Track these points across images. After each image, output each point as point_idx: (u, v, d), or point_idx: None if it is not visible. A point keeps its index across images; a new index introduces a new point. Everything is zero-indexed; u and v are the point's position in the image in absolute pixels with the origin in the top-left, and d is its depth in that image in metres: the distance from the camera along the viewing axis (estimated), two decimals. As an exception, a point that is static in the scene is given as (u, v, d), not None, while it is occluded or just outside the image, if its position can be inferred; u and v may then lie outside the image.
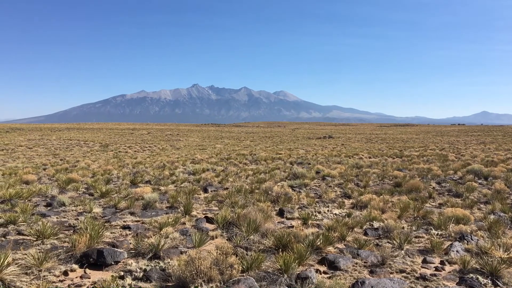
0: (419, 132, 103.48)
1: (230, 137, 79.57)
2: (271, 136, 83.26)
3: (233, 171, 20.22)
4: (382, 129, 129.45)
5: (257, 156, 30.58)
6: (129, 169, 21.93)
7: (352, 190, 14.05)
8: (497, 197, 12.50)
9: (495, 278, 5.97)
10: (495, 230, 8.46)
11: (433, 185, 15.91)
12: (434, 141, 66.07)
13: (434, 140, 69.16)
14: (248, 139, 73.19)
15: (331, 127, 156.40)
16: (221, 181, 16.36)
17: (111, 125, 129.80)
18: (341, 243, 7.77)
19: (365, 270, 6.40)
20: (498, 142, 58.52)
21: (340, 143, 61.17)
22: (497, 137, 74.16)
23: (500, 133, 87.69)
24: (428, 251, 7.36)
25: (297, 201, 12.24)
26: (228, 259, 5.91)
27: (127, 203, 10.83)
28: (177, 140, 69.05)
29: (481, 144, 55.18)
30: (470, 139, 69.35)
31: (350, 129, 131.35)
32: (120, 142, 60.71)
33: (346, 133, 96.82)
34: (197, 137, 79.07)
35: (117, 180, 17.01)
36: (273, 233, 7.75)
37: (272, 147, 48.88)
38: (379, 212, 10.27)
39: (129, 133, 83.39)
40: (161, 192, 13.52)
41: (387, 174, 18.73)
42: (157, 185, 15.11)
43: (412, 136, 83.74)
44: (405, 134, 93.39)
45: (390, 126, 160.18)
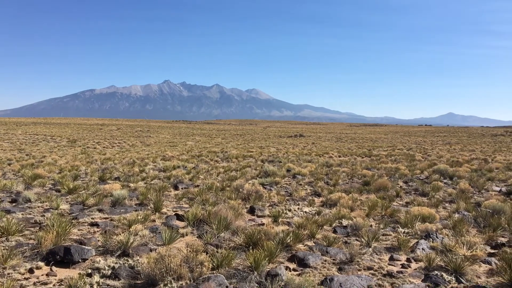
0: (387, 132, 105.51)
1: (201, 134, 79.15)
2: (242, 134, 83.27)
3: (204, 169, 20.14)
4: (352, 128, 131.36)
5: (229, 154, 30.55)
6: (97, 165, 21.53)
7: (322, 189, 14.21)
8: (462, 197, 12.89)
9: (458, 275, 6.16)
10: (459, 229, 8.72)
11: (401, 184, 16.27)
12: (402, 141, 67.51)
13: (402, 140, 70.67)
14: (219, 137, 73.00)
15: (302, 126, 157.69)
16: (192, 179, 16.27)
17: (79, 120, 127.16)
18: (310, 241, 7.86)
19: (333, 267, 6.50)
20: (463, 143, 60.32)
21: (311, 142, 61.74)
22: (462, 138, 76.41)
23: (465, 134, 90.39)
24: (395, 248, 7.53)
25: (268, 199, 12.30)
26: (198, 257, 5.91)
27: (96, 199, 10.64)
28: (147, 136, 68.20)
29: (447, 144, 56.75)
30: (437, 140, 71.20)
31: (321, 128, 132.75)
32: (89, 137, 59.50)
33: (317, 132, 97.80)
34: (168, 133, 78.31)
35: (85, 177, 16.69)
36: (243, 230, 7.77)
37: (244, 145, 48.92)
38: (348, 210, 10.43)
39: (98, 129, 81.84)
40: (130, 189, 13.34)
41: (356, 173, 19.03)
42: (126, 182, 14.89)
43: (381, 136, 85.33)
44: (374, 134, 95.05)
45: (360, 125, 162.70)
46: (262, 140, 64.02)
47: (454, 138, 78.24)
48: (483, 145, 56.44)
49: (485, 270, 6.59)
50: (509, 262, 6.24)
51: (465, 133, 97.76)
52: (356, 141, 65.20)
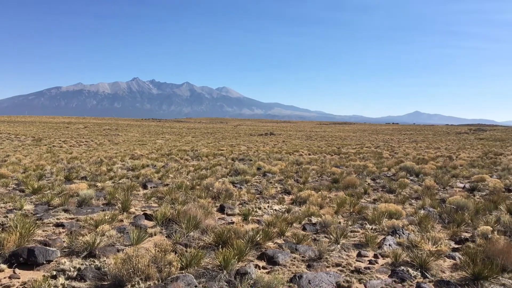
0: (356, 130, 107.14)
1: (171, 133, 78.40)
2: (213, 132, 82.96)
3: (174, 167, 19.94)
4: (322, 127, 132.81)
5: (199, 152, 30.39)
6: (63, 164, 21.02)
7: (292, 186, 14.30)
8: (427, 193, 13.22)
9: (424, 270, 6.30)
10: (424, 224, 8.93)
11: (369, 181, 16.56)
12: (370, 139, 68.70)
13: (370, 138, 71.91)
14: (189, 135, 72.51)
15: (272, 124, 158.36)
16: (162, 177, 16.09)
17: (45, 118, 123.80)
18: (280, 238, 7.89)
19: (303, 265, 6.54)
20: (429, 141, 61.88)
21: (281, 140, 62.08)
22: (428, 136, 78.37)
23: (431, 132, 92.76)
24: (363, 245, 7.64)
25: (238, 197, 12.29)
26: (166, 257, 5.84)
27: (61, 199, 10.38)
28: (115, 135, 67.06)
29: (413, 142, 58.09)
30: (403, 138, 72.79)
31: (291, 126, 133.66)
32: (55, 136, 58.03)
33: (287, 130, 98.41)
34: (137, 132, 77.23)
35: (51, 176, 16.26)
36: (213, 229, 7.73)
37: (214, 143, 48.76)
38: (317, 207, 10.53)
39: (65, 127, 79.92)
40: (97, 189, 13.08)
41: (325, 170, 19.24)
42: (93, 181, 14.58)
43: (350, 134, 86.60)
44: (343, 132, 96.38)
45: (329, 124, 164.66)
46: (233, 139, 63.96)
47: (420, 136, 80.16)
48: (448, 142, 58.03)
49: (450, 265, 6.77)
50: (472, 257, 6.44)
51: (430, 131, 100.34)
52: (325, 139, 65.94)
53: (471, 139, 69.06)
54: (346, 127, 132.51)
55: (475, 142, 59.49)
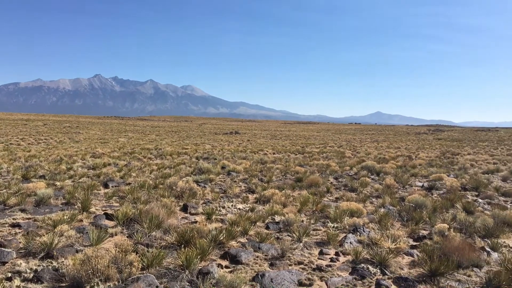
0: (320, 130, 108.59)
1: (134, 131, 77.09)
2: (177, 131, 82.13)
3: (136, 166, 19.61)
4: (286, 126, 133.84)
5: (163, 151, 30.00)
6: (21, 162, 20.28)
7: (256, 185, 14.34)
8: (387, 192, 13.55)
9: (383, 267, 6.46)
10: (384, 222, 9.16)
11: (331, 180, 16.80)
12: (333, 138, 69.76)
13: (333, 137, 73.04)
14: (153, 133, 71.50)
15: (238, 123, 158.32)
16: (124, 176, 15.80)
17: (2, 115, 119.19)
18: (244, 237, 7.90)
19: (265, 263, 6.58)
20: (390, 141, 63.42)
21: (246, 139, 62.16)
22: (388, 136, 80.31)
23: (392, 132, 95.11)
24: (325, 243, 7.75)
25: (202, 196, 12.22)
26: (127, 257, 5.75)
27: (18, 199, 10.01)
28: (76, 132, 65.32)
29: (375, 142, 59.40)
30: (365, 137, 74.30)
31: (256, 125, 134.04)
32: (12, 133, 55.95)
33: (252, 129, 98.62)
34: (99, 130, 75.50)
35: (7, 175, 15.66)
36: (176, 229, 7.66)
37: (178, 142, 48.28)
38: (280, 206, 10.60)
39: (23, 124, 77.18)
40: (56, 188, 12.70)
41: (289, 169, 19.39)
42: (52, 180, 14.15)
43: (314, 133, 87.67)
44: (307, 131, 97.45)
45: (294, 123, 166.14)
46: (198, 137, 63.54)
47: (381, 136, 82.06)
48: (407, 142, 59.67)
49: (408, 261, 6.96)
50: (430, 254, 6.66)
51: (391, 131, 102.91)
52: (290, 139, 66.48)
53: (429, 139, 71.30)
54: (310, 126, 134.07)
55: (434, 142, 61.48)
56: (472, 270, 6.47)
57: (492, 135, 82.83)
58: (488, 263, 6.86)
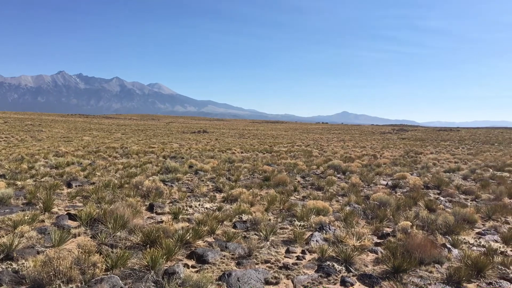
0: (288, 129, 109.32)
1: (99, 129, 75.52)
2: (144, 129, 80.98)
3: (101, 165, 19.22)
4: (255, 125, 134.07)
5: (129, 150, 29.53)
6: (-21, 162, 19.55)
7: (224, 184, 14.30)
8: (353, 190, 13.77)
9: (348, 265, 6.55)
10: (350, 220, 9.30)
11: (299, 179, 16.95)
12: (301, 137, 70.36)
13: (301, 137, 73.67)
14: (119, 132, 70.25)
15: (206, 121, 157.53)
16: (88, 176, 15.44)
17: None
18: (210, 237, 7.86)
19: (232, 262, 6.56)
20: (356, 140, 64.50)
21: (214, 138, 61.92)
22: (354, 135, 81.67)
23: (358, 132, 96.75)
24: (291, 241, 7.80)
25: (168, 195, 12.09)
26: (91, 258, 5.62)
27: (-25, 200, 9.65)
28: (39, 131, 63.43)
29: (341, 141, 60.28)
30: (332, 137, 75.31)
31: (224, 124, 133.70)
32: (-31, 131, 53.84)
33: (220, 128, 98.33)
34: (63, 128, 73.58)
35: (-36, 174, 15.05)
36: (141, 228, 7.54)
37: (145, 141, 47.60)
38: (248, 205, 10.61)
39: (-19, 122, 74.35)
40: (17, 187, 12.30)
41: (257, 168, 19.44)
42: (13, 180, 13.69)
43: (282, 132, 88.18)
44: (275, 130, 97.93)
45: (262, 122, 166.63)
46: (165, 136, 62.82)
47: (347, 135, 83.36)
48: (373, 142, 60.86)
49: (372, 259, 7.08)
50: (393, 251, 6.80)
51: (357, 130, 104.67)
52: (258, 138, 66.64)
53: (394, 139, 72.92)
54: (279, 126, 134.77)
55: (398, 142, 62.92)
56: (433, 267, 6.64)
57: (454, 135, 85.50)
58: (449, 259, 7.06)
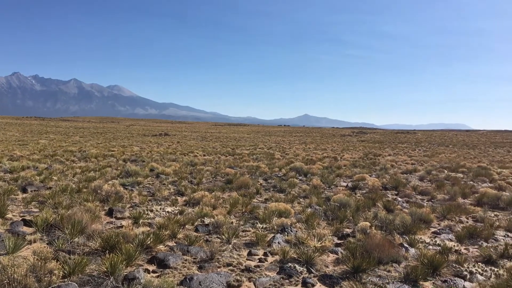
0: (250, 131, 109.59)
1: (56, 132, 73.26)
2: (103, 132, 79.18)
3: (58, 169, 18.64)
4: (217, 128, 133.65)
5: (87, 153, 28.78)
6: None
7: (186, 188, 14.18)
8: (314, 192, 13.97)
9: (309, 266, 6.64)
10: (311, 222, 9.43)
11: (261, 181, 17.02)
12: (263, 140, 70.69)
13: (263, 139, 74.02)
14: (77, 135, 68.37)
15: (167, 124, 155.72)
16: (44, 180, 14.93)
17: None
18: (172, 241, 7.77)
19: (194, 266, 6.51)
20: (317, 142, 65.41)
21: (176, 140, 61.27)
22: (316, 138, 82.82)
23: (319, 134, 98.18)
24: (254, 244, 7.83)
25: (128, 200, 11.87)
26: (47, 265, 5.44)
27: None
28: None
29: (303, 144, 60.98)
30: (294, 139, 76.07)
31: (186, 127, 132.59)
32: None
33: (182, 131, 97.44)
34: (17, 131, 70.91)
35: None
36: (100, 234, 7.37)
37: (104, 144, 46.53)
38: (210, 208, 10.57)
39: None
40: (-32, 193, 11.76)
41: (219, 171, 19.38)
42: (-37, 185, 13.09)
43: (244, 135, 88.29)
44: (237, 133, 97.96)
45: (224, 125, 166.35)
46: (125, 139, 61.62)
47: (309, 138, 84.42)
48: (333, 144, 61.88)
49: (333, 259, 7.21)
50: (353, 251, 6.95)
51: (318, 133, 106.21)
52: (220, 140, 66.45)
53: (354, 141, 74.44)
54: (241, 128, 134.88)
55: (357, 144, 64.27)
56: (391, 266, 6.83)
57: (411, 137, 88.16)
58: (406, 258, 7.28)
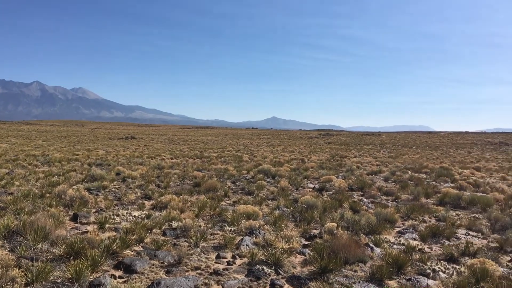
0: (218, 134, 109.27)
1: (18, 136, 70.96)
2: (67, 136, 77.26)
3: (20, 174, 18.07)
4: (185, 130, 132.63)
5: (51, 157, 28.00)
6: None
7: (153, 191, 14.03)
8: (282, 194, 14.08)
9: (277, 267, 6.70)
10: (279, 224, 9.51)
11: (229, 184, 17.01)
12: (231, 143, 70.60)
13: (231, 142, 73.93)
14: (40, 139, 66.44)
15: (134, 127, 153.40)
16: (5, 185, 14.47)
17: None
18: (139, 246, 7.68)
19: (162, 271, 6.46)
20: (284, 145, 65.86)
21: (142, 144, 60.43)
22: (283, 140, 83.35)
23: (286, 137, 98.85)
24: (222, 246, 7.83)
25: (94, 204, 11.64)
26: (9, 273, 5.31)
27: None
28: None
29: (271, 146, 61.27)
30: (262, 142, 76.33)
31: (153, 130, 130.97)
32: None
33: (149, 134, 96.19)
34: (-24, 135, 68.33)
35: None
36: (64, 240, 7.21)
37: (69, 148, 45.41)
38: (178, 212, 10.50)
39: None
40: None
41: (187, 174, 19.26)
42: None
43: (212, 138, 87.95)
44: (205, 136, 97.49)
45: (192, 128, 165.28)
46: (90, 143, 60.30)
47: (277, 140, 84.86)
48: (301, 146, 62.46)
49: (301, 260, 7.30)
50: (320, 252, 7.05)
51: (286, 135, 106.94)
52: (188, 143, 65.97)
53: (321, 143, 75.34)
54: (209, 131, 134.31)
55: (324, 146, 65.09)
56: (358, 265, 6.97)
57: (376, 139, 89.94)
58: (372, 258, 7.44)
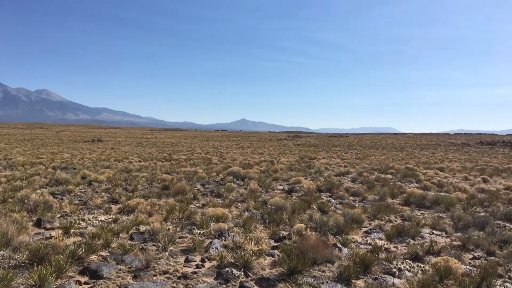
0: (187, 136, 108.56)
1: (-22, 139, 68.53)
2: (31, 139, 75.11)
3: (-20, 179, 17.45)
4: (153, 133, 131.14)
5: (13, 161, 27.15)
6: None
7: (120, 195, 13.79)
8: (251, 196, 14.09)
9: (247, 269, 6.69)
10: (248, 226, 9.50)
11: (198, 187, 16.91)
12: (200, 145, 70.27)
13: (201, 144, 73.59)
14: (2, 142, 64.32)
15: (100, 130, 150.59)
16: (-36, 191, 13.95)
17: None
18: (105, 250, 7.53)
19: (129, 276, 6.35)
20: (254, 147, 66.04)
21: (109, 146, 59.39)
22: (253, 142, 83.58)
23: (256, 139, 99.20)
24: (191, 250, 7.77)
25: (59, 209, 11.34)
26: (-33, 282, 5.10)
27: None
28: None
29: (240, 148, 61.32)
30: (231, 144, 76.30)
31: (121, 132, 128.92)
32: None
33: (116, 137, 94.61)
34: None
35: None
36: (27, 246, 7.00)
37: (32, 151, 44.12)
38: (146, 215, 10.36)
39: None
40: None
41: (156, 177, 19.03)
42: None
43: (181, 140, 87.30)
44: (174, 138, 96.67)
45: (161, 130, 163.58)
46: (55, 146, 58.81)
47: (246, 142, 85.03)
48: (270, 148, 62.78)
49: (270, 262, 7.31)
50: (288, 253, 7.09)
51: (255, 137, 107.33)
52: (157, 146, 65.23)
53: (290, 145, 75.94)
54: (178, 133, 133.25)
55: (293, 148, 65.65)
56: (326, 266, 7.05)
57: (343, 141, 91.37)
58: (340, 258, 7.54)
